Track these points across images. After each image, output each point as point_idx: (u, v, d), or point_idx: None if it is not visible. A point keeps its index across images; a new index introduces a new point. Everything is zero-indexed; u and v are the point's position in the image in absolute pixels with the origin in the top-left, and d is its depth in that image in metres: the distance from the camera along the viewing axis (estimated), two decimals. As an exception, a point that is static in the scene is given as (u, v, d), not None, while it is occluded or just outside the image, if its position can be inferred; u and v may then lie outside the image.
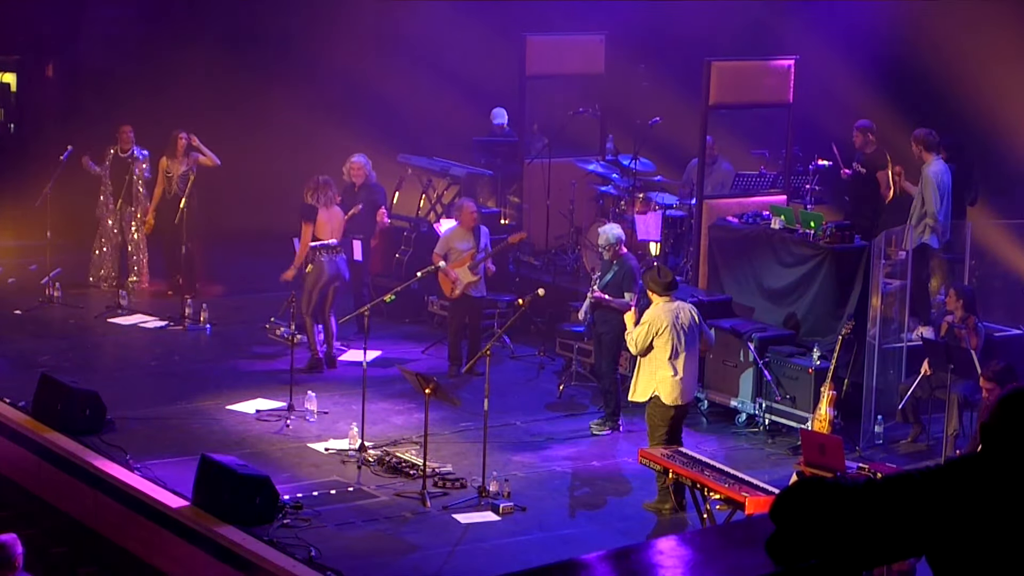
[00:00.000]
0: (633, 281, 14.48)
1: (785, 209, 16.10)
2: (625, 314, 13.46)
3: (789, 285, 15.40)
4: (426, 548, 11.88)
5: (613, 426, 14.68)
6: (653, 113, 18.05)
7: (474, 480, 13.00)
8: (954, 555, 3.98)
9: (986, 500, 3.94)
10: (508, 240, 16.60)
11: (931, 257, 15.74)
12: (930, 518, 3.95)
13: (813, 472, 11.84)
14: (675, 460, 12.08)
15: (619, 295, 14.49)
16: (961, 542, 3.95)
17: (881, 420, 14.30)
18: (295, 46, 22.08)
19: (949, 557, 3.99)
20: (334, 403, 15.05)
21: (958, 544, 3.96)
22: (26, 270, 19.44)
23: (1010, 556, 3.93)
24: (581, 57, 19.43)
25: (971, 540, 3.95)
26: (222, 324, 17.77)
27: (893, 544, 3.98)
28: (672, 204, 17.67)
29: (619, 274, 14.49)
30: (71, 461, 13.44)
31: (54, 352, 16.57)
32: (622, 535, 12.12)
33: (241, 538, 11.68)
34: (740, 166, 17.75)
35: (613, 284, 14.52)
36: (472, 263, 15.97)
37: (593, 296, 14.52)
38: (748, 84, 16.73)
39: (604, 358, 14.70)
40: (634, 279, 14.49)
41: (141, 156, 18.83)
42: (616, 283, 14.50)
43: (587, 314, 14.72)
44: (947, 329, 14.33)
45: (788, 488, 4.10)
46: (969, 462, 4.05)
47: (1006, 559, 3.94)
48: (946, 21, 17.17)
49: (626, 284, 14.48)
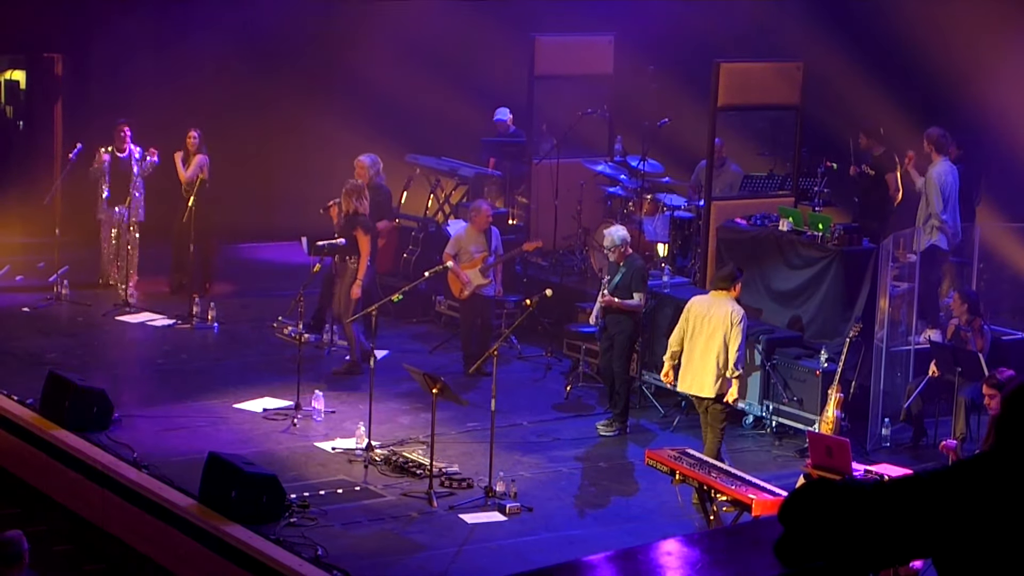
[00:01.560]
0: (642, 281, 14.50)
1: (793, 211, 16.09)
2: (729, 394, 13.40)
3: (797, 287, 15.39)
4: (432, 548, 11.88)
5: (621, 426, 14.69)
6: (662, 114, 18.05)
7: (481, 480, 13.00)
8: (961, 557, 3.97)
9: (995, 500, 3.93)
10: (523, 247, 16.57)
11: (942, 260, 15.73)
12: (938, 520, 3.94)
13: (820, 474, 11.82)
14: (682, 462, 12.08)
15: (628, 296, 14.50)
16: (969, 544, 3.95)
17: (888, 423, 14.29)
18: (305, 46, 22.08)
19: (956, 559, 3.98)
20: (341, 402, 15.06)
21: (966, 546, 3.95)
22: (34, 267, 19.46)
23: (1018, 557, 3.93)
24: (590, 58, 19.43)
25: (979, 541, 3.94)
26: (230, 322, 17.78)
27: (901, 546, 3.98)
28: (680, 205, 17.67)
29: (627, 275, 14.50)
30: (78, 459, 13.45)
31: (62, 350, 16.58)
32: (629, 536, 12.11)
33: (248, 537, 11.68)
34: (748, 168, 17.74)
35: (622, 286, 14.53)
36: (483, 266, 15.98)
37: (603, 301, 14.54)
38: (757, 86, 16.71)
39: (618, 359, 14.70)
40: (643, 279, 14.51)
41: (140, 154, 18.77)
42: (625, 284, 14.51)
43: (599, 318, 14.72)
44: (954, 332, 14.32)
45: (796, 490, 4.10)
46: (977, 462, 4.05)
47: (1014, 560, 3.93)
48: (957, 22, 17.15)
49: (635, 284, 14.50)
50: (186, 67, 21.25)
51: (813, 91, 16.83)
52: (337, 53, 21.87)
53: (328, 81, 22.02)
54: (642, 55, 20.25)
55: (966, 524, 3.94)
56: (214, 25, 21.42)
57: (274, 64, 21.93)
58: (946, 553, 3.99)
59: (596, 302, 14.90)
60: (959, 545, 3.96)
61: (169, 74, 21.26)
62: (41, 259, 19.45)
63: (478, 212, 16.25)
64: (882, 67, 17.98)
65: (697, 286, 16.40)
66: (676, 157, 18.68)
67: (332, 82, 21.99)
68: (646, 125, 18.36)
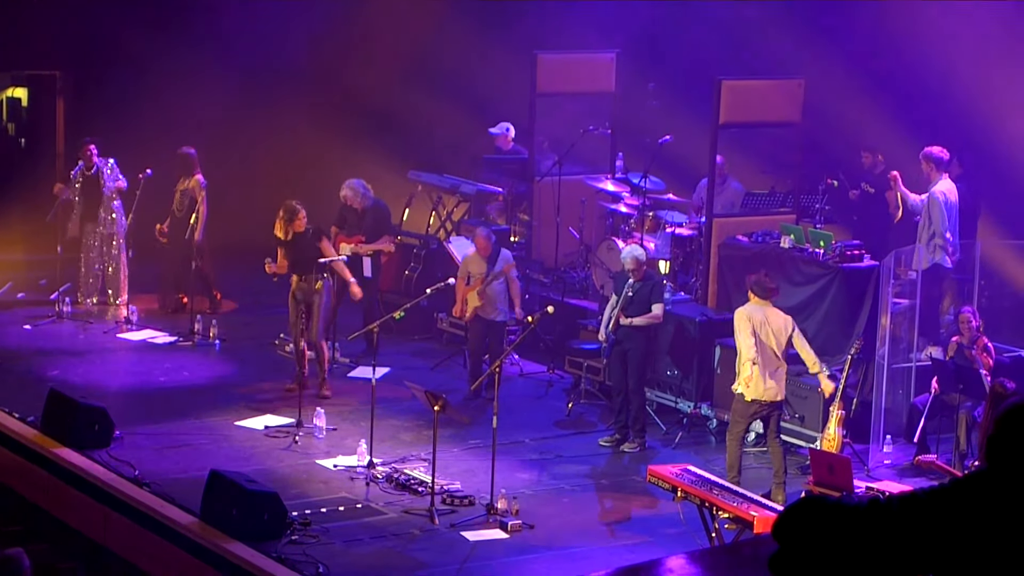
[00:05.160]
0: (661, 292, 14.61)
1: (795, 228, 16.10)
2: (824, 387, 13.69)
3: (799, 304, 15.39)
4: (434, 565, 11.87)
5: (641, 444, 14.69)
6: (663, 131, 18.07)
7: (482, 497, 12.99)
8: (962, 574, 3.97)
9: (991, 518, 3.93)
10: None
11: (943, 278, 15.74)
12: (936, 538, 3.94)
13: (822, 491, 11.82)
14: (684, 479, 12.07)
15: (645, 309, 14.55)
16: (968, 561, 3.94)
17: (890, 440, 14.28)
18: (307, 63, 22.10)
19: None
20: (343, 419, 15.06)
21: (964, 563, 3.95)
22: (36, 285, 19.47)
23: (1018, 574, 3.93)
24: (592, 75, 19.45)
25: (977, 559, 3.94)
26: (232, 340, 17.78)
27: (899, 564, 3.97)
28: (682, 223, 17.68)
29: (645, 288, 14.57)
30: (80, 476, 13.45)
31: (63, 367, 16.58)
32: (630, 553, 12.09)
33: (249, 554, 11.68)
34: (750, 185, 17.76)
35: (639, 299, 14.57)
36: (480, 288, 15.93)
37: (622, 321, 14.53)
38: (758, 103, 16.73)
39: (632, 376, 14.70)
40: (661, 290, 14.61)
41: (107, 167, 18.77)
42: (643, 299, 14.57)
43: (608, 334, 14.72)
44: (956, 349, 14.32)
45: (790, 506, 4.09)
46: (974, 480, 4.05)
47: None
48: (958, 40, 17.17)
49: (655, 296, 14.62)
50: (188, 86, 21.26)
51: (814, 108, 16.85)
52: (338, 70, 21.89)
53: (329, 98, 22.03)
54: (644, 72, 20.28)
55: (960, 543, 3.93)
56: (216, 42, 21.45)
57: (275, 81, 21.94)
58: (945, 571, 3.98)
59: (603, 320, 14.89)
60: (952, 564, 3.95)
61: (170, 93, 21.26)
62: (43, 276, 19.46)
63: (476, 237, 16.23)
64: (884, 84, 17.99)
65: (699, 303, 16.42)
66: (678, 174, 18.69)
67: (333, 99, 22.00)
68: (648, 142, 18.37)
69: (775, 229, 16.24)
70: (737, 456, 13.37)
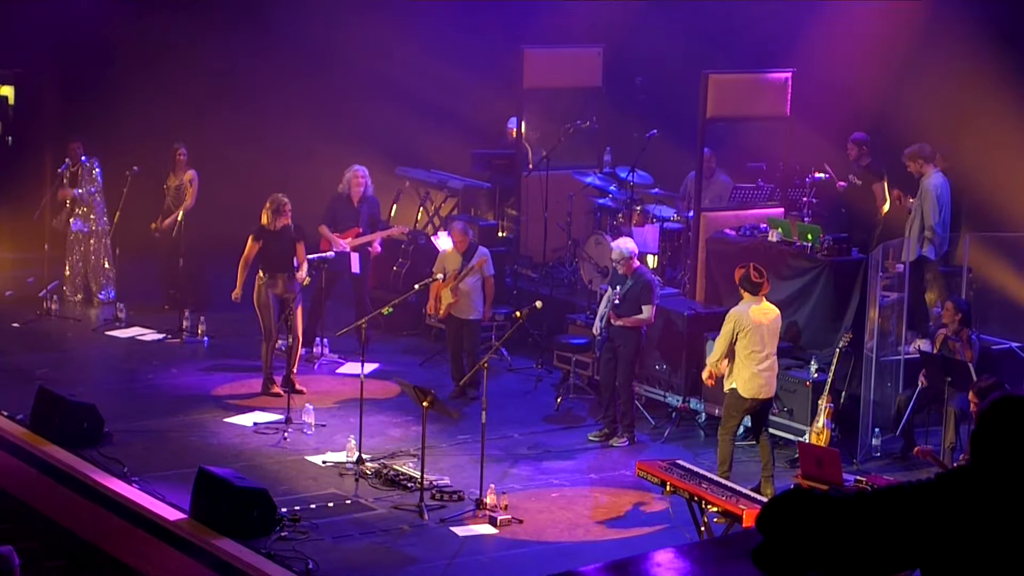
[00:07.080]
0: (651, 293, 14.54)
1: (782, 222, 16.11)
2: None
3: (787, 298, 15.39)
4: (423, 561, 11.88)
5: (631, 438, 14.71)
6: (651, 126, 18.06)
7: (471, 492, 13.00)
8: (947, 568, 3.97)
9: (977, 511, 3.94)
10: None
11: (927, 270, 15.76)
12: (921, 531, 3.95)
13: (810, 485, 11.84)
14: (673, 473, 12.08)
15: (635, 309, 14.52)
16: (954, 554, 3.95)
17: (879, 433, 14.30)
18: (292, 60, 22.07)
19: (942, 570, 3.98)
20: (332, 416, 15.06)
21: (950, 557, 3.96)
22: (24, 283, 19.46)
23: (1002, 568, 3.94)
24: (579, 70, 19.45)
25: (964, 552, 3.95)
26: (220, 337, 17.77)
27: (884, 557, 3.97)
28: (669, 217, 17.69)
29: (635, 288, 14.53)
30: (69, 474, 13.44)
31: (52, 365, 16.56)
32: (619, 547, 12.11)
33: (239, 551, 11.68)
34: (737, 178, 17.76)
35: (630, 298, 14.55)
36: (453, 284, 15.86)
37: (614, 322, 14.52)
38: (745, 97, 16.73)
39: (622, 373, 14.70)
40: (651, 291, 14.55)
41: (89, 164, 18.86)
42: (633, 297, 14.54)
43: (602, 329, 14.71)
44: (943, 342, 14.34)
45: (774, 498, 4.09)
46: (959, 474, 4.06)
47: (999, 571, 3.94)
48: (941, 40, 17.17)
49: (644, 297, 14.53)
50: (174, 84, 21.23)
51: (803, 101, 16.84)
52: (323, 67, 21.85)
53: (315, 94, 22.01)
54: (631, 67, 20.28)
55: (944, 537, 3.94)
56: (203, 41, 21.43)
57: (261, 79, 21.92)
58: (931, 564, 3.99)
59: (598, 314, 14.89)
60: (937, 558, 3.96)
61: (157, 90, 21.23)
62: (31, 274, 19.45)
63: (453, 232, 16.16)
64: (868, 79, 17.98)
65: (687, 297, 16.43)
66: (665, 168, 18.69)
67: (319, 95, 21.98)
68: (635, 136, 18.37)
69: (762, 223, 16.25)
70: (729, 452, 13.38)
